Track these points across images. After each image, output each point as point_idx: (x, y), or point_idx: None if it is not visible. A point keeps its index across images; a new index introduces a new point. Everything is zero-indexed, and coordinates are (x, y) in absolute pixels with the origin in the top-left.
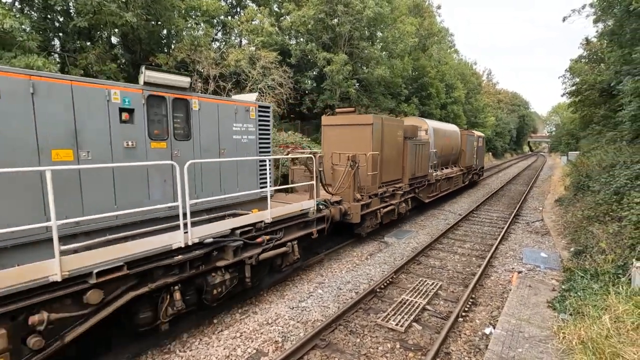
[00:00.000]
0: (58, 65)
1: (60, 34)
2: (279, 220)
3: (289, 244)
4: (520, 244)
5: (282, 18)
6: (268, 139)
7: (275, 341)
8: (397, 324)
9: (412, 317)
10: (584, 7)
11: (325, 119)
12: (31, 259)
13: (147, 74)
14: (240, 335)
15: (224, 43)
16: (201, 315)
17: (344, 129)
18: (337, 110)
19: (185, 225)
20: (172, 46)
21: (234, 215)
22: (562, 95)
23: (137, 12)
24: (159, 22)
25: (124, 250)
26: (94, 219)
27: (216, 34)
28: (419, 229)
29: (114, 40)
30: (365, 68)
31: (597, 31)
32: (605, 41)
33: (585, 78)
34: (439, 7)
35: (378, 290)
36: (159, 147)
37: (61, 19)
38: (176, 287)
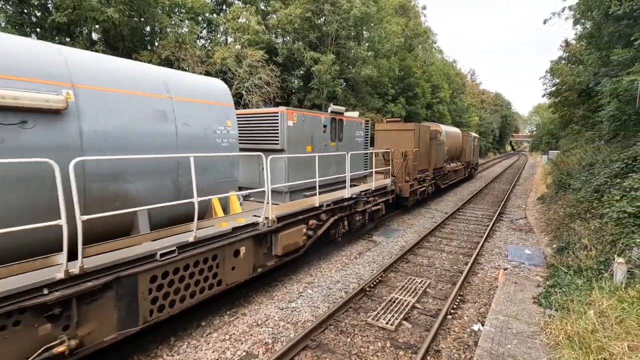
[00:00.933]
0: None
1: (38, 30)
2: (376, 189)
3: (380, 204)
4: (505, 242)
5: (268, 16)
6: (367, 140)
7: (266, 343)
8: (387, 323)
9: (402, 316)
10: (563, 10)
11: (378, 126)
12: (294, 199)
13: (332, 107)
14: (230, 338)
15: (209, 41)
16: (189, 318)
17: (393, 132)
18: (387, 119)
19: (348, 187)
20: (156, 43)
21: (354, 185)
22: (542, 96)
23: (119, 7)
24: (142, 19)
25: (329, 196)
26: (317, 181)
27: (201, 32)
28: (406, 228)
29: (95, 36)
30: (352, 67)
31: (575, 34)
32: (584, 43)
33: (564, 79)
34: (424, 8)
35: (368, 289)
36: (332, 146)
37: (39, 14)
38: (345, 219)
